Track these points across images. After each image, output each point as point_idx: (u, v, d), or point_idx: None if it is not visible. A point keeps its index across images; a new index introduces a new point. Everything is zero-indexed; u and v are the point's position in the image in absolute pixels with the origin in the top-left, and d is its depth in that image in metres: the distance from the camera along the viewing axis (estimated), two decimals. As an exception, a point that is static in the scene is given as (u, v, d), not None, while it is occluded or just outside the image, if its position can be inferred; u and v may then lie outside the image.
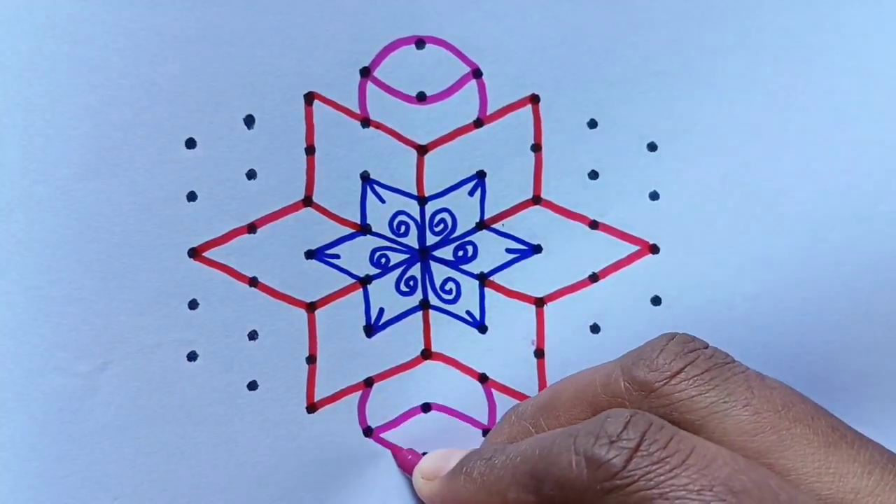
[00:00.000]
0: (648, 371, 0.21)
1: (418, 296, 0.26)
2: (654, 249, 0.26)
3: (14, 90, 0.23)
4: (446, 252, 0.26)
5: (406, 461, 0.25)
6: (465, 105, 0.25)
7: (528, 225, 0.26)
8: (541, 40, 0.25)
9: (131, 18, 0.23)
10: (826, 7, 0.25)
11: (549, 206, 0.26)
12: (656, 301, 0.26)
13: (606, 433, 0.19)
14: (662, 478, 0.18)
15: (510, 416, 0.24)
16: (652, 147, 0.25)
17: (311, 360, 0.25)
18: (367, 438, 0.25)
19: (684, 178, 0.26)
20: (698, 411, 0.20)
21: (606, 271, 0.26)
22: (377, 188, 0.25)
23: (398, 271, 0.26)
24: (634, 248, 0.26)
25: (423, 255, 0.26)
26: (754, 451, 0.19)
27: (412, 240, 0.26)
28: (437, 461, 0.24)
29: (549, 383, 0.26)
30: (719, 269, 0.26)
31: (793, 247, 0.26)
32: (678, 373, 0.20)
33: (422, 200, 0.25)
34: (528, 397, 0.26)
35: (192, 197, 0.24)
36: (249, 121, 0.24)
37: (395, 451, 0.25)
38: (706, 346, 0.21)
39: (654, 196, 0.26)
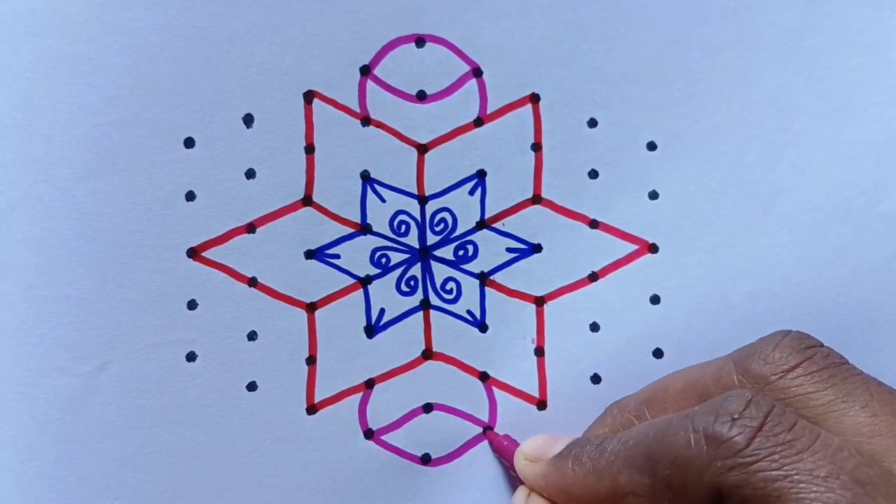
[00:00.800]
0: (764, 364, 0.20)
1: (419, 296, 0.26)
2: (654, 249, 0.26)
3: (14, 90, 0.24)
4: (447, 252, 0.26)
5: (503, 447, 0.25)
6: (465, 104, 0.25)
7: (528, 224, 0.26)
8: (541, 40, 0.25)
9: (131, 18, 0.24)
10: (825, 8, 0.25)
11: (549, 205, 0.26)
12: (655, 300, 0.26)
13: (728, 411, 0.19)
14: (788, 460, 0.18)
15: (612, 409, 0.24)
16: (651, 147, 0.26)
17: (311, 360, 0.25)
18: (368, 441, 0.25)
19: (683, 178, 0.26)
20: (815, 408, 0.20)
21: (606, 270, 0.26)
22: (377, 187, 0.25)
23: (399, 271, 0.26)
24: (634, 247, 0.26)
25: (423, 254, 0.26)
26: (869, 453, 0.19)
27: (413, 239, 0.26)
28: (541, 445, 0.24)
29: (549, 381, 0.26)
30: (718, 268, 0.26)
31: (791, 246, 0.26)
32: (795, 367, 0.20)
33: (422, 200, 0.26)
34: (529, 395, 0.26)
35: (190, 196, 0.24)
36: (249, 120, 0.25)
37: (492, 437, 0.25)
38: (822, 345, 0.21)
39: (654, 195, 0.26)
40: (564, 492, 0.22)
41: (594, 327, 0.26)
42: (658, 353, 0.26)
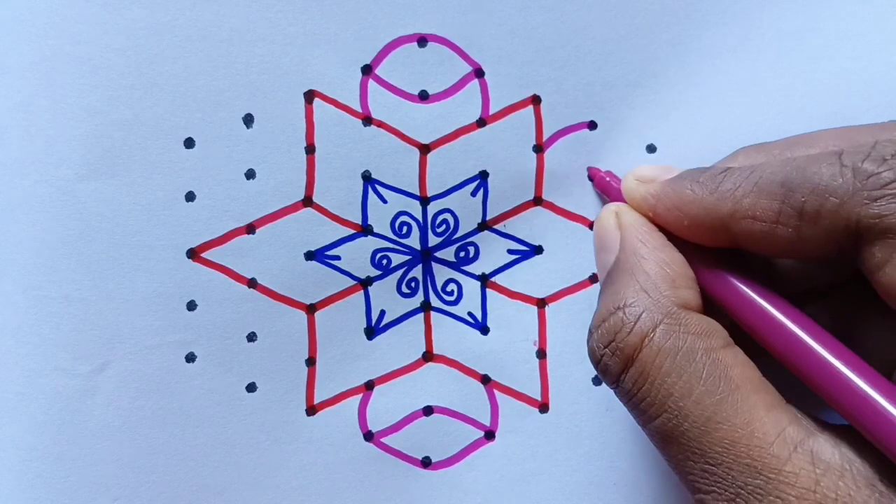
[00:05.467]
0: None
1: (420, 297, 0.27)
2: None
3: (14, 90, 0.25)
4: (448, 253, 0.27)
5: (605, 182, 0.26)
6: (467, 104, 0.26)
7: (530, 226, 0.27)
8: (543, 41, 0.26)
9: (131, 18, 0.25)
10: (825, 10, 0.27)
11: (551, 206, 0.27)
12: None
13: (880, 154, 0.20)
14: None
15: (747, 149, 0.25)
16: (651, 149, 0.27)
17: (311, 362, 0.27)
18: (367, 443, 0.27)
19: None
20: None
21: None
22: (379, 188, 0.27)
23: (399, 272, 0.27)
24: None
25: (424, 256, 0.27)
26: None
27: (414, 241, 0.27)
28: (655, 170, 0.25)
29: (551, 384, 0.27)
30: None
31: None
32: None
33: (424, 201, 0.27)
34: (531, 398, 0.27)
35: (190, 197, 0.26)
36: (249, 120, 0.26)
37: (594, 172, 0.26)
38: None
39: None
40: (677, 209, 0.23)
41: (595, 329, 0.28)
42: None
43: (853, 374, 0.20)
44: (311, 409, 0.27)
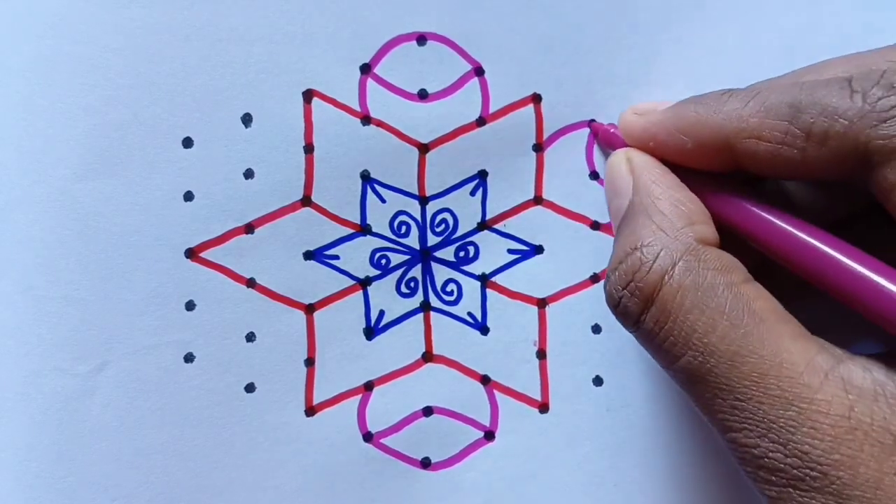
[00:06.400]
0: None
1: (419, 297, 0.27)
2: None
3: (14, 90, 0.25)
4: (447, 253, 0.27)
5: (609, 134, 0.26)
6: (467, 103, 0.27)
7: (530, 225, 0.27)
8: (543, 39, 0.26)
9: (130, 18, 0.25)
10: (826, 9, 0.27)
11: (551, 206, 0.27)
12: None
13: (889, 80, 0.20)
14: None
15: (755, 85, 0.24)
16: None
17: (310, 362, 0.27)
18: (367, 444, 0.27)
19: None
20: None
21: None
22: (377, 187, 0.27)
23: (399, 272, 0.27)
24: None
25: (424, 255, 0.27)
26: None
27: (413, 240, 0.27)
28: (654, 104, 0.25)
29: (551, 384, 0.28)
30: None
31: None
32: None
33: (423, 200, 0.27)
34: (530, 398, 0.28)
35: (188, 197, 0.26)
36: (247, 119, 0.26)
37: (596, 127, 0.26)
38: None
39: None
40: (680, 133, 0.23)
41: (596, 329, 0.28)
42: None
43: (883, 280, 0.20)
44: (311, 410, 0.27)
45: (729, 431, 0.21)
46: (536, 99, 0.27)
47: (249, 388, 0.27)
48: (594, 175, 0.27)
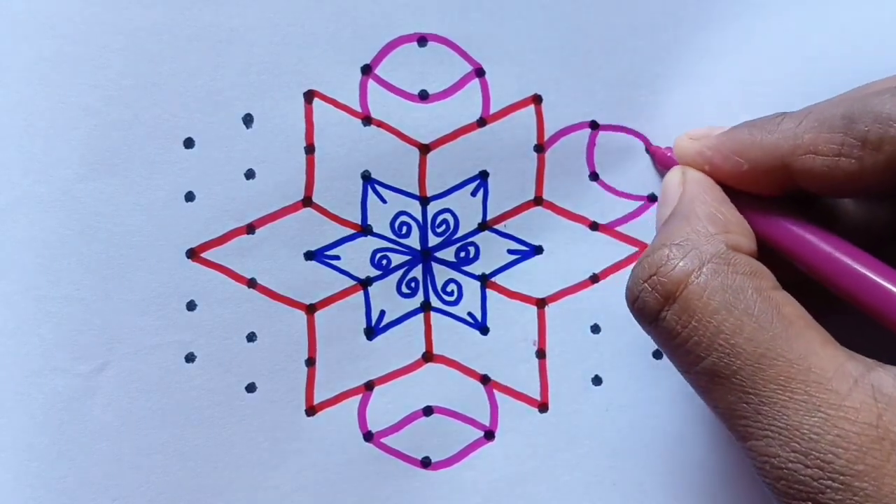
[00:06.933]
0: None
1: (419, 297, 0.28)
2: None
3: (14, 90, 0.25)
4: (448, 253, 0.28)
5: (666, 157, 0.26)
6: (467, 104, 0.27)
7: (530, 226, 0.28)
8: (544, 40, 0.27)
9: (130, 18, 0.25)
10: (827, 10, 0.27)
11: (551, 207, 0.28)
12: None
13: None
14: None
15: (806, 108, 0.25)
16: None
17: (311, 362, 0.27)
18: (367, 443, 0.27)
19: None
20: None
21: (607, 272, 0.28)
22: (378, 188, 0.27)
23: (399, 273, 0.27)
24: (634, 249, 0.28)
25: (424, 256, 0.28)
26: None
27: (414, 241, 0.27)
28: (708, 129, 0.25)
29: (550, 384, 0.28)
30: None
31: None
32: None
33: (424, 201, 0.27)
34: (530, 398, 0.28)
35: (190, 197, 0.26)
36: (248, 120, 0.26)
37: (654, 150, 0.27)
38: None
39: (655, 198, 0.28)
40: (735, 155, 0.23)
41: (595, 329, 0.28)
42: (658, 355, 0.28)
43: None
44: (311, 410, 0.27)
45: (749, 439, 0.20)
46: (537, 100, 0.27)
47: (250, 388, 0.27)
48: (594, 176, 0.28)
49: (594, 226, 0.28)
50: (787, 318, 0.21)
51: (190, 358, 0.26)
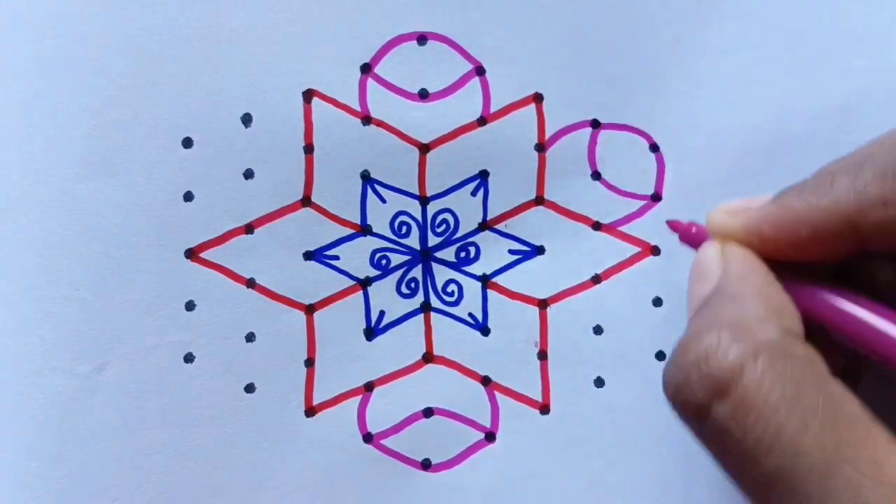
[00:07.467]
0: None
1: (419, 298, 0.28)
2: (656, 251, 0.28)
3: (14, 90, 0.25)
4: (448, 253, 0.28)
5: (691, 232, 0.24)
6: (467, 103, 0.27)
7: (531, 226, 0.28)
8: (544, 39, 0.27)
9: (130, 18, 0.25)
10: (827, 9, 0.27)
11: (552, 206, 0.28)
12: (658, 302, 0.28)
13: None
14: None
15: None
16: (654, 148, 0.27)
17: (310, 363, 0.27)
18: (367, 445, 0.27)
19: (685, 180, 0.27)
20: None
21: (609, 273, 0.28)
22: (378, 188, 0.27)
23: (399, 273, 0.28)
24: (636, 249, 0.28)
25: (424, 256, 0.28)
26: None
27: (414, 241, 0.28)
28: (743, 202, 0.23)
29: (552, 385, 0.28)
30: None
31: None
32: None
33: (423, 200, 0.27)
34: (532, 399, 0.28)
35: (188, 197, 0.26)
36: (247, 119, 0.26)
37: (675, 225, 0.24)
38: None
39: (657, 197, 0.28)
40: (791, 223, 0.21)
41: (597, 330, 0.28)
42: (660, 356, 0.28)
43: None
44: (311, 411, 0.27)
45: None
46: (538, 98, 0.27)
47: (249, 388, 0.27)
48: (596, 175, 0.28)
49: (596, 225, 0.28)
50: (850, 416, 0.19)
51: (189, 358, 0.27)
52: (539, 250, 0.28)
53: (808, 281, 0.22)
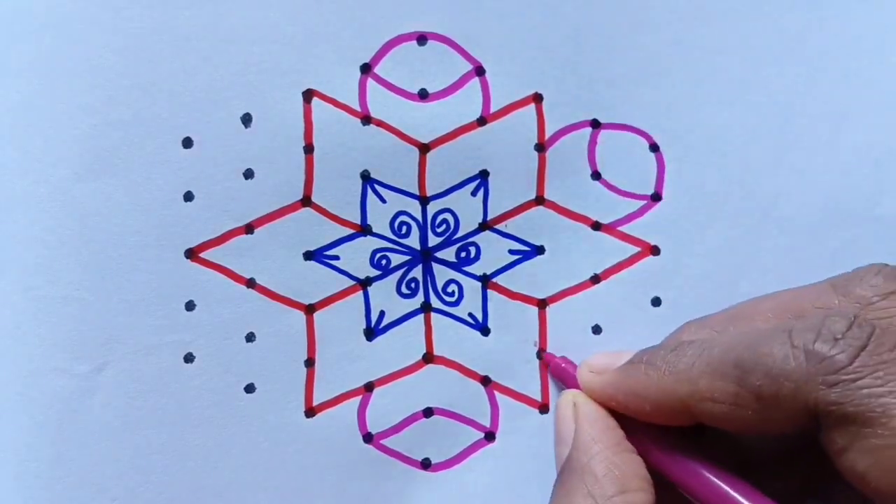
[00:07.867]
0: (867, 287, 0.22)
1: (420, 298, 0.28)
2: (656, 251, 0.28)
3: (13, 90, 0.25)
4: (448, 253, 0.28)
5: (560, 368, 0.27)
6: (467, 103, 0.27)
7: (531, 226, 0.28)
8: (544, 39, 0.27)
9: (129, 18, 0.25)
10: (827, 10, 0.27)
11: (552, 206, 0.28)
12: (657, 302, 0.28)
13: (830, 331, 0.20)
14: (893, 377, 0.19)
15: (689, 325, 0.25)
16: (654, 148, 0.28)
17: (310, 363, 0.27)
18: (367, 445, 0.27)
19: (685, 180, 0.28)
20: None
21: (608, 272, 0.28)
22: (378, 188, 0.27)
23: (399, 273, 0.28)
24: (636, 249, 0.28)
25: (424, 256, 0.28)
26: None
27: (414, 241, 0.28)
28: (607, 358, 0.25)
29: (551, 385, 0.28)
30: (719, 270, 0.28)
31: (791, 249, 0.28)
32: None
33: (423, 200, 0.27)
34: (531, 399, 0.28)
35: (188, 197, 0.26)
36: (247, 119, 0.26)
37: (549, 358, 0.27)
38: None
39: (656, 198, 0.28)
40: (635, 396, 0.23)
41: (596, 330, 0.28)
42: None
43: None
44: (310, 411, 0.27)
45: None
46: (538, 98, 0.27)
47: (249, 388, 0.27)
48: (596, 175, 0.28)
49: (596, 225, 0.28)
50: None
51: (189, 358, 0.27)
52: (539, 250, 0.28)
53: (656, 439, 0.24)
